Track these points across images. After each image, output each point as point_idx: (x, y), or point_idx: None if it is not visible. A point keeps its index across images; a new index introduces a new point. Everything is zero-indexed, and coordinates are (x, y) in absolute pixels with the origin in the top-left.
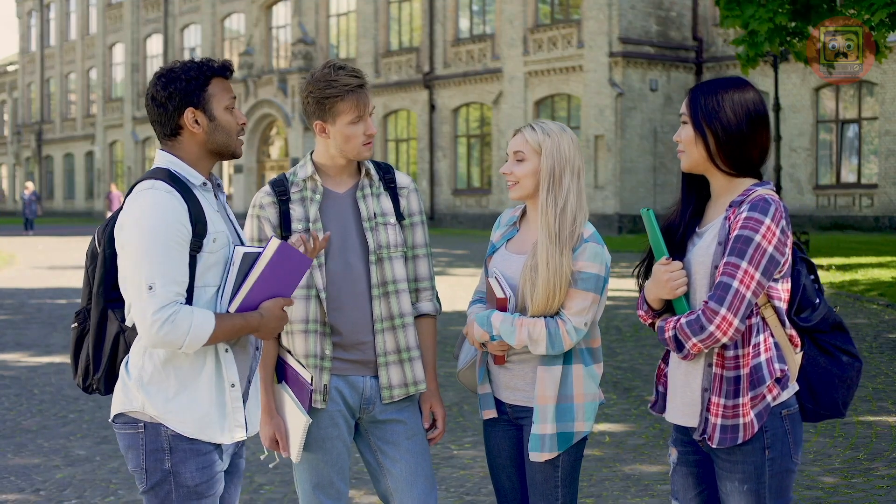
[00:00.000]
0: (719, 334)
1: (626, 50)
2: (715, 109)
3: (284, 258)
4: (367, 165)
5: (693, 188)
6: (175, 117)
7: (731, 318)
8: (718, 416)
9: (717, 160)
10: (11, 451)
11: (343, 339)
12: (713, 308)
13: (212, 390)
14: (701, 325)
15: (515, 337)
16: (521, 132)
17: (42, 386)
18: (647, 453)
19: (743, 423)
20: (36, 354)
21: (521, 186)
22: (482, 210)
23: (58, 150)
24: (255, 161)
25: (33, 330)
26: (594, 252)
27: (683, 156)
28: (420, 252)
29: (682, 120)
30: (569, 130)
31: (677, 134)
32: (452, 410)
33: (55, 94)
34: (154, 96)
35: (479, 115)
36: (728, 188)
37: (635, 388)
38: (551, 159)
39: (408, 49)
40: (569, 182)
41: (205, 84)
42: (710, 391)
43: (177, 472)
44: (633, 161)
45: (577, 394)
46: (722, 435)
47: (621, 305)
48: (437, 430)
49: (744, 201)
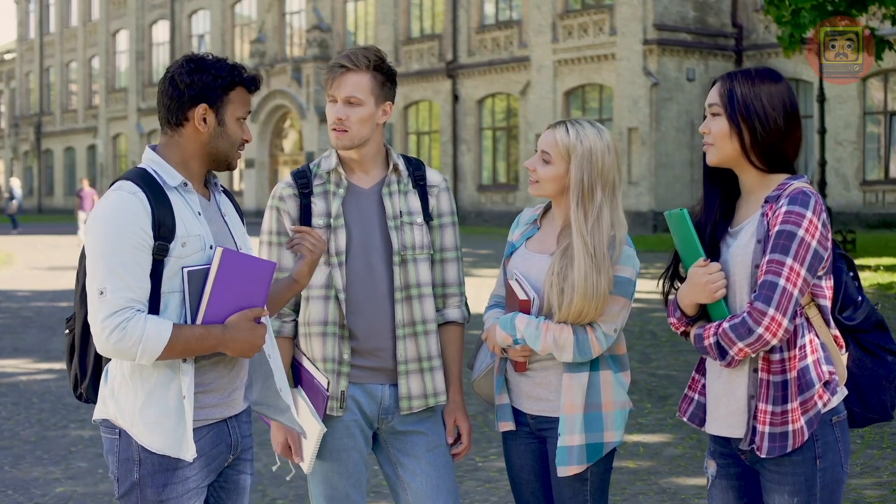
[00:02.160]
0: (768, 336)
1: (662, 37)
2: (752, 103)
3: (236, 266)
4: (396, 160)
5: (717, 184)
6: (186, 107)
7: (780, 318)
8: (766, 424)
9: (752, 156)
10: (9, 463)
11: (361, 343)
12: (760, 308)
13: (179, 404)
14: (748, 327)
15: (540, 342)
16: (553, 130)
17: (41, 394)
18: (684, 465)
19: (792, 430)
20: (35, 361)
21: (542, 187)
22: (508, 207)
23: (58, 144)
24: (267, 155)
25: (32, 335)
26: (627, 255)
27: (712, 149)
28: (449, 255)
29: (711, 111)
30: (606, 137)
31: (705, 125)
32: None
33: (55, 85)
34: (174, 78)
35: (505, 107)
36: (761, 184)
37: (671, 397)
38: (580, 170)
39: (430, 36)
40: (601, 197)
41: (229, 88)
42: (757, 398)
43: (144, 484)
44: (668, 155)
45: (605, 402)
46: (771, 444)
47: (656, 308)
48: (462, 446)
49: (780, 196)
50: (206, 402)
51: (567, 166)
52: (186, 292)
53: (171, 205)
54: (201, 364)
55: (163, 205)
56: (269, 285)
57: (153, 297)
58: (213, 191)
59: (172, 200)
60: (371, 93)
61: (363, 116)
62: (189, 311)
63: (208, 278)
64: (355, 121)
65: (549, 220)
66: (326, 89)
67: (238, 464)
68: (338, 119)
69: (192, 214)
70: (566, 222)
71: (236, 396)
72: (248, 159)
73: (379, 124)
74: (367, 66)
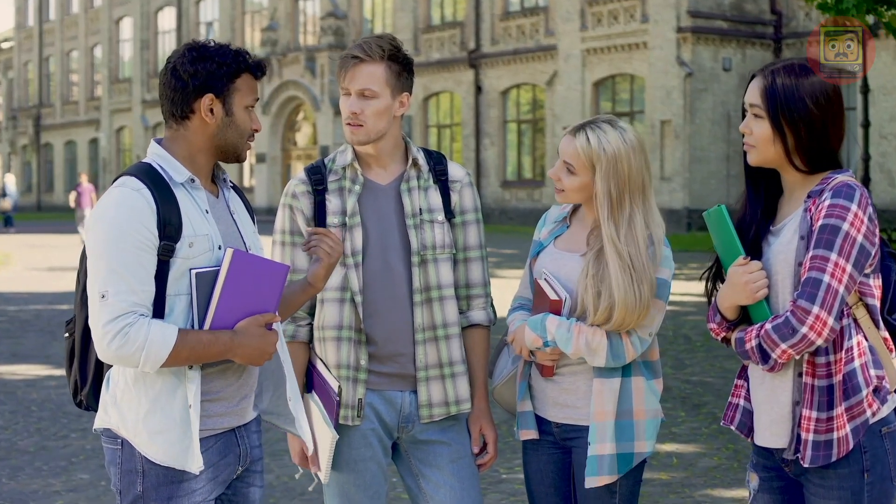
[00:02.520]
0: (813, 336)
1: (696, 25)
2: (796, 105)
3: (247, 268)
4: (416, 154)
5: (760, 182)
6: (191, 99)
7: (825, 316)
8: (810, 432)
9: (795, 159)
10: (6, 474)
11: (378, 348)
12: (804, 307)
13: (185, 413)
14: (791, 327)
15: (572, 344)
16: (572, 138)
17: (41, 402)
18: (720, 477)
19: (837, 438)
20: (34, 367)
21: (568, 196)
22: (534, 204)
23: (58, 138)
24: (279, 149)
25: (30, 339)
26: (664, 256)
27: (753, 151)
28: (473, 255)
29: (753, 112)
30: (630, 137)
31: (745, 125)
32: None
33: (55, 75)
34: (177, 68)
35: (530, 98)
36: (804, 182)
37: (706, 405)
38: (607, 182)
39: (451, 24)
40: (630, 205)
41: (235, 75)
42: (802, 404)
43: (147, 497)
44: (703, 149)
45: (637, 409)
46: (814, 452)
47: (690, 311)
48: (488, 455)
49: (823, 190)
50: (214, 410)
51: (592, 175)
52: (194, 295)
53: (177, 202)
54: (208, 371)
55: (168, 202)
56: (282, 289)
57: (158, 300)
58: (221, 187)
59: (179, 198)
60: (386, 84)
61: (379, 109)
62: (196, 316)
63: (217, 281)
64: (371, 114)
65: (578, 219)
66: (340, 82)
67: (248, 476)
68: (352, 113)
69: (200, 213)
70: (597, 222)
71: (245, 405)
72: (258, 154)
73: (396, 117)
74: (381, 55)
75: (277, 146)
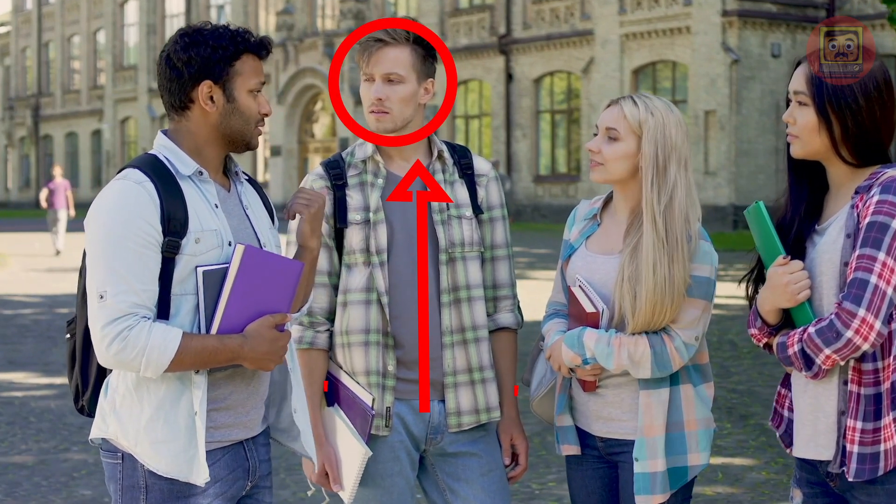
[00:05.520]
0: (859, 340)
1: (743, 8)
2: (844, 92)
3: (259, 265)
4: (440, 147)
5: (804, 177)
6: (188, 88)
7: (872, 319)
8: (856, 443)
9: (842, 150)
10: (3, 490)
11: (406, 353)
12: (849, 309)
13: (190, 421)
14: (836, 331)
15: (614, 359)
16: (618, 104)
17: (39, 412)
18: (769, 493)
19: (884, 450)
20: (32, 375)
21: (607, 170)
22: (569, 200)
23: (58, 129)
24: (295, 142)
25: (29, 345)
26: (704, 251)
27: (797, 142)
28: (500, 253)
29: (797, 100)
30: (676, 110)
31: (789, 114)
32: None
33: (55, 62)
34: (170, 57)
35: (565, 87)
36: (851, 177)
37: (753, 416)
38: (654, 144)
39: (480, 7)
40: (675, 173)
41: (233, 58)
42: (847, 414)
43: None
44: (750, 142)
45: (688, 420)
46: (860, 465)
47: (737, 316)
48: (520, 467)
49: (872, 185)
50: (221, 421)
51: (638, 143)
52: (201, 295)
53: (182, 196)
54: (215, 377)
55: (173, 196)
56: (296, 289)
57: (162, 300)
58: (233, 180)
59: (185, 191)
60: (413, 68)
61: (405, 95)
62: (204, 317)
63: (226, 279)
64: (397, 101)
65: (610, 214)
66: (361, 67)
67: (257, 492)
68: (377, 99)
69: (208, 207)
70: (633, 215)
71: (254, 416)
72: (273, 146)
73: (421, 105)
74: (406, 38)
75: (293, 138)
